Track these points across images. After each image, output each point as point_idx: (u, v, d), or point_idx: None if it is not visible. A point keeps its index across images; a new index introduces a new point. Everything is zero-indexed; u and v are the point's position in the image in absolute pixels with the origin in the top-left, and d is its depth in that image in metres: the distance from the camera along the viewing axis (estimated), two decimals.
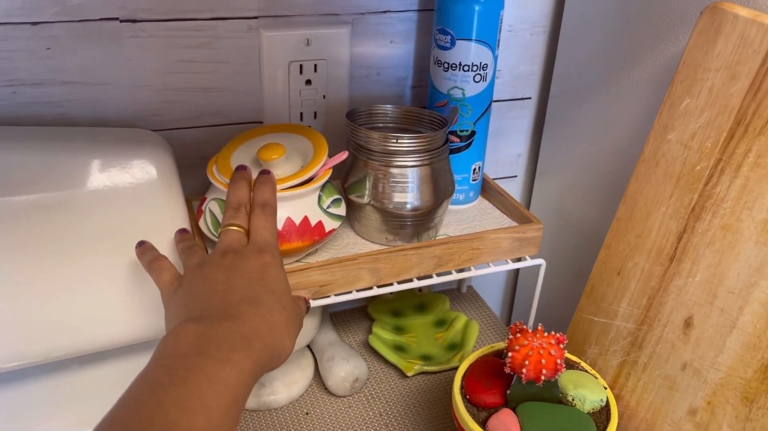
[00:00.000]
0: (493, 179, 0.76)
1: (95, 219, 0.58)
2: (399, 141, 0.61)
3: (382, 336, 0.78)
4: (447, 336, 0.79)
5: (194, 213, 0.65)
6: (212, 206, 0.59)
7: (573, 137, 0.76)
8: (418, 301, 0.84)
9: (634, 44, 0.64)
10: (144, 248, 0.55)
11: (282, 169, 0.59)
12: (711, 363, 0.50)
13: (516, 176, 0.86)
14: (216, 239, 0.59)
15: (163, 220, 0.60)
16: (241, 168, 0.56)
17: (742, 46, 0.47)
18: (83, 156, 0.58)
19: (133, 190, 0.59)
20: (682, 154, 0.52)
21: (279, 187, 0.57)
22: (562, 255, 0.80)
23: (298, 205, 0.59)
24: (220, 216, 0.58)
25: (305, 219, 0.59)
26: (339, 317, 0.84)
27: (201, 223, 0.60)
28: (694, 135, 0.51)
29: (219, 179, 0.59)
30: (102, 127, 0.63)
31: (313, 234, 0.59)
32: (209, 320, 0.42)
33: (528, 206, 0.89)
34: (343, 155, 0.61)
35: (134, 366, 0.63)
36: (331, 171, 0.61)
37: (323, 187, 0.61)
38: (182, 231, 0.57)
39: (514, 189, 0.88)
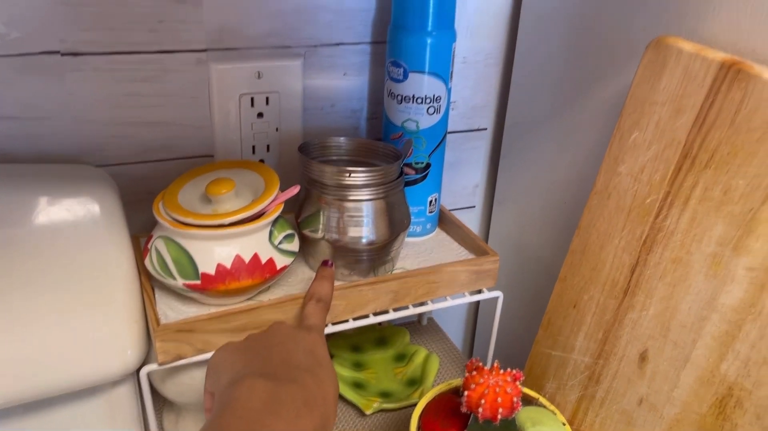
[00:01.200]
0: (452, 210, 0.75)
1: (37, 258, 0.55)
2: (352, 175, 0.60)
3: (340, 373, 0.76)
4: (407, 371, 0.78)
5: (141, 249, 0.62)
6: (158, 244, 0.57)
7: (529, 167, 0.76)
8: (377, 335, 0.83)
9: (585, 75, 0.65)
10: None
11: (231, 203, 0.58)
12: (666, 398, 0.49)
13: (474, 206, 0.86)
14: (162, 278, 0.57)
15: (107, 258, 0.58)
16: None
17: (686, 80, 0.48)
18: (24, 194, 0.56)
19: (75, 228, 0.57)
20: (633, 187, 0.52)
21: (227, 221, 0.55)
22: (521, 287, 0.80)
23: (248, 242, 0.57)
24: (166, 255, 0.56)
25: (255, 257, 0.57)
26: None
27: (147, 262, 0.58)
28: (644, 168, 0.51)
29: (165, 216, 0.57)
30: (45, 163, 0.61)
31: (263, 272, 0.57)
32: (276, 379, 0.43)
33: (487, 236, 0.88)
34: (295, 189, 0.59)
35: (78, 412, 0.61)
36: (282, 206, 0.59)
37: (275, 223, 0.60)
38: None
39: (472, 219, 0.87)
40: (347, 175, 0.60)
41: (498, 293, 0.68)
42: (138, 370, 0.57)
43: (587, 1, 0.62)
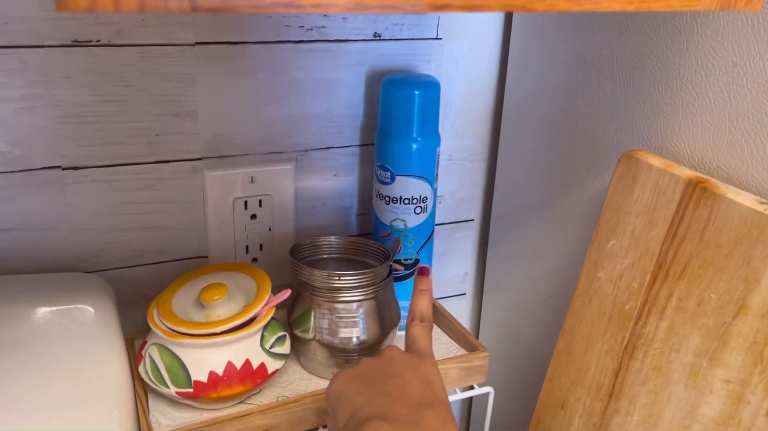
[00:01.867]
0: (443, 297, 0.77)
1: (32, 363, 0.56)
2: (342, 278, 0.62)
3: None
4: None
5: (135, 353, 0.63)
6: (152, 352, 0.58)
7: (516, 256, 0.78)
8: None
9: (564, 176, 0.67)
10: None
11: (224, 308, 0.59)
12: None
13: (465, 293, 0.88)
14: (155, 386, 0.57)
15: (101, 364, 0.58)
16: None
17: (657, 194, 0.50)
18: (21, 304, 0.57)
19: (70, 336, 0.58)
20: (612, 292, 0.54)
21: (219, 329, 0.57)
22: (513, 380, 0.80)
23: (240, 348, 0.58)
24: (159, 363, 0.57)
25: (247, 363, 0.58)
26: None
27: (141, 369, 0.59)
28: (622, 274, 0.53)
29: (159, 325, 0.58)
30: (43, 272, 0.63)
31: (255, 378, 0.58)
32: (397, 422, 0.42)
33: (478, 324, 0.89)
34: (286, 294, 0.61)
35: None
36: (273, 309, 0.61)
37: (266, 326, 0.61)
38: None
39: (463, 306, 0.88)
40: (337, 278, 0.62)
41: (489, 389, 0.69)
42: None
43: (566, 104, 0.66)
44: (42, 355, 0.57)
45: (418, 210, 0.68)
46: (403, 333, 0.73)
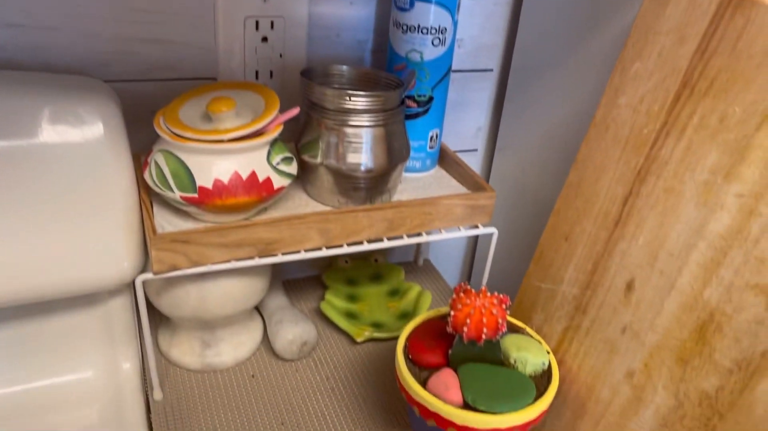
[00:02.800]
0: (454, 152, 0.75)
1: (39, 169, 0.56)
2: (352, 98, 0.60)
3: (334, 303, 0.77)
4: (399, 305, 0.79)
5: (141, 165, 0.63)
6: (158, 158, 0.58)
7: (533, 111, 0.76)
8: (373, 271, 0.84)
9: (592, 14, 0.64)
10: None
11: (231, 122, 0.58)
12: (649, 326, 0.50)
13: (476, 149, 0.86)
14: (160, 191, 0.57)
15: (107, 170, 0.58)
16: None
17: (691, 8, 0.47)
18: (29, 102, 0.56)
19: (76, 140, 0.57)
20: (631, 118, 0.52)
21: (226, 137, 0.56)
22: (518, 229, 0.80)
23: (246, 159, 0.57)
24: (165, 168, 0.57)
25: (253, 174, 0.57)
26: (292, 284, 0.83)
27: (146, 175, 0.59)
28: (643, 98, 0.51)
29: (165, 130, 0.57)
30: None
31: (260, 190, 0.58)
32: None
33: (487, 180, 0.89)
34: (295, 111, 0.60)
35: (77, 322, 0.62)
36: (281, 127, 0.60)
37: (273, 143, 0.60)
38: None
39: (474, 162, 0.87)
40: (347, 98, 0.60)
41: (493, 229, 0.69)
42: (135, 283, 0.59)
43: None
44: (48, 160, 0.56)
45: (436, 42, 0.66)
46: (408, 175, 0.72)
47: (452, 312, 0.53)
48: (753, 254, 0.43)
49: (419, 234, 0.67)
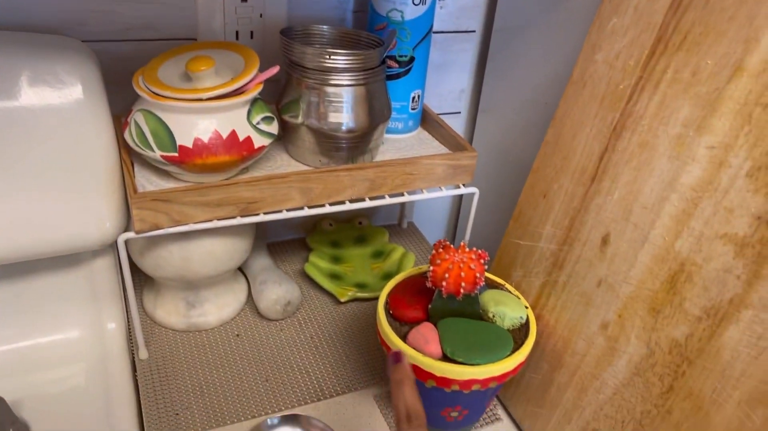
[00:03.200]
0: (437, 114, 0.75)
1: (20, 130, 0.56)
2: (332, 57, 0.60)
3: (318, 264, 0.78)
4: (383, 266, 0.80)
5: (121, 126, 0.63)
6: (137, 117, 0.58)
7: (516, 71, 0.76)
8: (357, 234, 0.84)
9: None
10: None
11: (211, 81, 0.58)
12: (623, 278, 0.51)
13: (459, 112, 0.86)
14: (140, 150, 0.57)
15: (87, 131, 0.58)
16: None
17: None
18: (7, 62, 0.56)
19: (56, 100, 0.57)
20: (607, 74, 0.53)
21: (205, 95, 0.56)
22: (501, 190, 0.81)
23: (226, 118, 0.57)
24: (145, 127, 0.57)
25: (233, 133, 0.58)
26: (277, 247, 0.84)
27: (126, 134, 0.59)
28: (619, 54, 0.52)
29: (144, 89, 0.57)
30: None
31: (240, 149, 0.58)
32: None
33: (471, 142, 0.89)
34: (274, 69, 0.60)
35: (61, 282, 0.63)
36: (261, 86, 0.60)
37: (254, 103, 0.60)
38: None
39: (457, 125, 0.88)
40: (327, 56, 0.60)
41: (474, 189, 0.69)
42: (117, 242, 0.59)
43: None
44: (28, 120, 0.56)
45: (417, 0, 0.65)
46: (390, 136, 0.73)
47: (431, 267, 0.54)
48: (722, 204, 0.44)
49: (401, 195, 0.67)
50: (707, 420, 0.44)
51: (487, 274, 0.62)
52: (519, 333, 0.56)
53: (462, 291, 0.53)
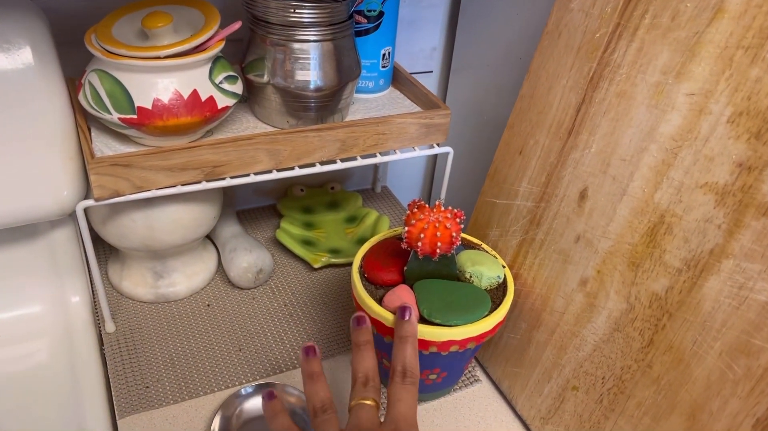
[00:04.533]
0: (408, 72, 0.73)
1: None
2: (297, 11, 0.57)
3: (290, 230, 0.76)
4: (357, 231, 0.78)
5: (75, 89, 0.59)
6: (92, 78, 0.55)
7: (489, 27, 0.74)
8: (330, 199, 0.82)
9: None
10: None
11: (169, 38, 0.55)
12: (602, 233, 0.50)
13: (432, 71, 0.84)
14: (96, 113, 0.54)
15: (39, 95, 0.55)
16: (361, 322, 0.48)
17: None
18: None
19: (5, 66, 0.54)
20: (583, 23, 0.51)
21: (163, 53, 0.53)
22: (477, 150, 0.79)
23: (187, 77, 0.54)
24: (100, 89, 0.54)
25: (194, 93, 0.55)
26: (246, 214, 0.81)
27: (80, 97, 0.56)
28: (595, 1, 0.50)
29: (98, 47, 0.54)
30: None
31: (203, 110, 0.55)
32: None
33: (444, 101, 0.87)
34: (236, 25, 0.57)
35: (20, 255, 0.60)
36: (223, 43, 0.57)
37: (215, 61, 0.57)
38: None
39: (430, 84, 0.85)
40: (292, 10, 0.57)
41: (448, 149, 0.68)
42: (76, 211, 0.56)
43: None
44: None
45: None
46: (361, 95, 0.70)
47: (406, 228, 0.52)
48: (702, 153, 0.43)
49: (374, 156, 0.65)
50: (688, 373, 0.44)
51: (463, 235, 0.60)
52: (497, 293, 0.55)
53: (438, 251, 0.51)
